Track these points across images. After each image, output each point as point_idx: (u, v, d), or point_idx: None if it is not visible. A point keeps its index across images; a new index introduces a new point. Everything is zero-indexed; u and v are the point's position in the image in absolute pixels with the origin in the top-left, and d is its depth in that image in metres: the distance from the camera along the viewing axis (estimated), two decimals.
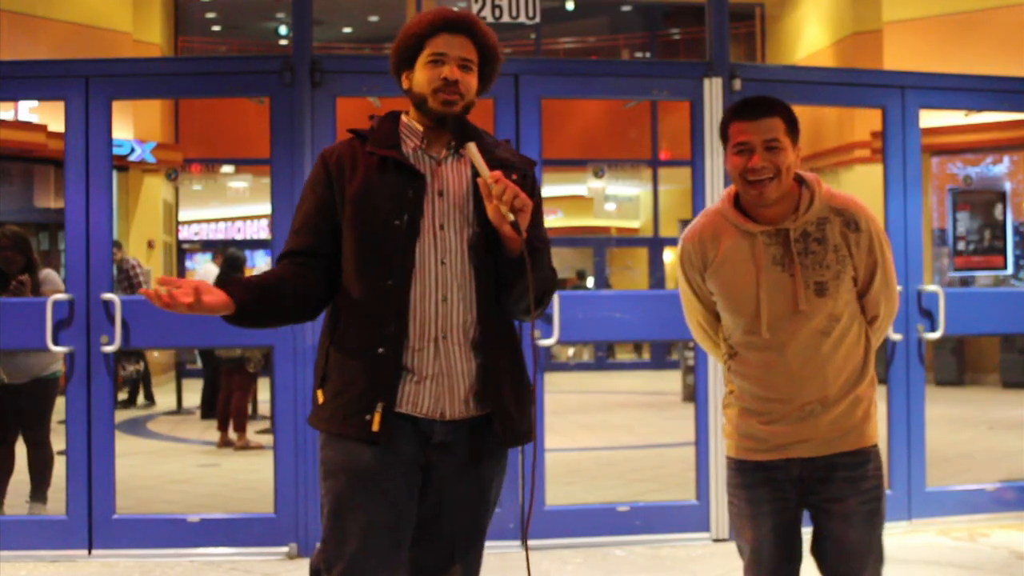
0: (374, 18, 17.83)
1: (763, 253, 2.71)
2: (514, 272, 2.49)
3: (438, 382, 2.48)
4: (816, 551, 2.83)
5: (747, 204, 2.74)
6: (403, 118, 2.63)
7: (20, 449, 5.86)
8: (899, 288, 2.91)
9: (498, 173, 2.44)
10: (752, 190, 2.67)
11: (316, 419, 2.54)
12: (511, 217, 2.41)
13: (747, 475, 2.80)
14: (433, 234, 2.50)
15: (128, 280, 10.42)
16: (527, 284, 2.46)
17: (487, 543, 2.63)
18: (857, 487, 2.75)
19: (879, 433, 2.86)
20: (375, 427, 2.43)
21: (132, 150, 13.62)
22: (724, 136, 2.75)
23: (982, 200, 13.69)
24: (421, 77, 2.54)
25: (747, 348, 2.78)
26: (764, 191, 2.66)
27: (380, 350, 2.45)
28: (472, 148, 2.49)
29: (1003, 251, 13.49)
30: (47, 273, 5.72)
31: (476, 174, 2.51)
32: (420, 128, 2.58)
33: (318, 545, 2.51)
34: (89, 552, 5.04)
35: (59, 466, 5.38)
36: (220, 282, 8.96)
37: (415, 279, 2.47)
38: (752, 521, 2.80)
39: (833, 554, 2.78)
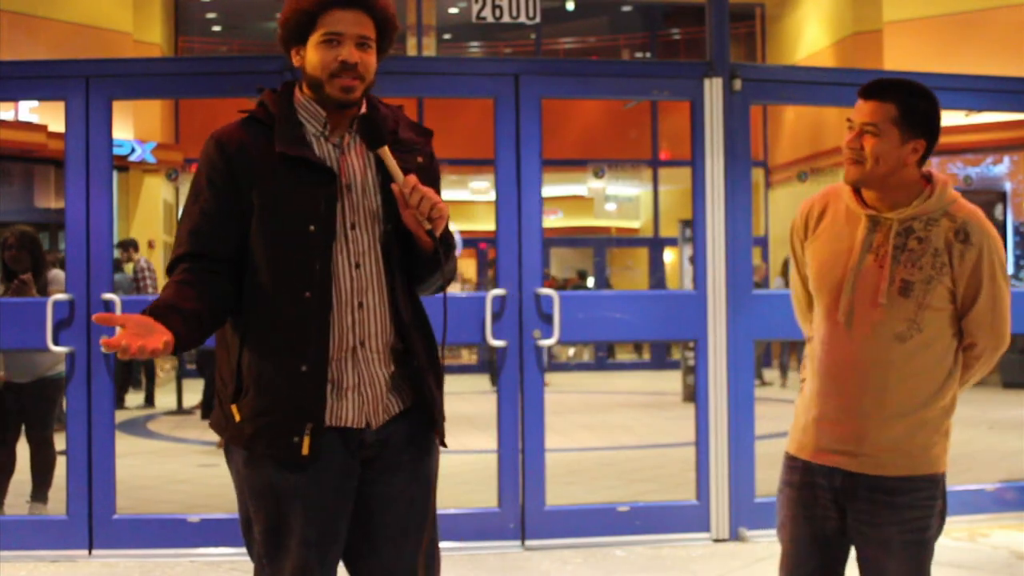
0: None
1: (862, 237, 2.60)
2: (425, 268, 2.39)
3: (359, 392, 2.35)
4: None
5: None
6: (298, 95, 2.39)
7: (21, 449, 5.87)
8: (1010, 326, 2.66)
9: (412, 179, 2.29)
10: (846, 167, 2.61)
11: (232, 436, 2.36)
12: (427, 226, 2.30)
13: (796, 473, 2.70)
14: (344, 236, 2.34)
15: (137, 282, 10.45)
16: (437, 279, 2.40)
17: (487, 543, 2.62)
18: (900, 515, 2.59)
19: (945, 463, 2.69)
20: (305, 451, 2.29)
21: (132, 150, 13.63)
22: None
23: (982, 200, 13.68)
24: (314, 58, 2.31)
25: (821, 333, 2.67)
26: (849, 170, 2.59)
27: (303, 368, 2.28)
28: (386, 152, 2.33)
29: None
30: (55, 273, 5.71)
31: (385, 170, 2.36)
32: (322, 112, 2.36)
33: (256, 561, 2.42)
34: (89, 552, 5.03)
35: (59, 466, 5.38)
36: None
37: (331, 288, 2.32)
38: (793, 522, 2.70)
39: None
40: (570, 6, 16.70)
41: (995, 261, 2.59)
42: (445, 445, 2.50)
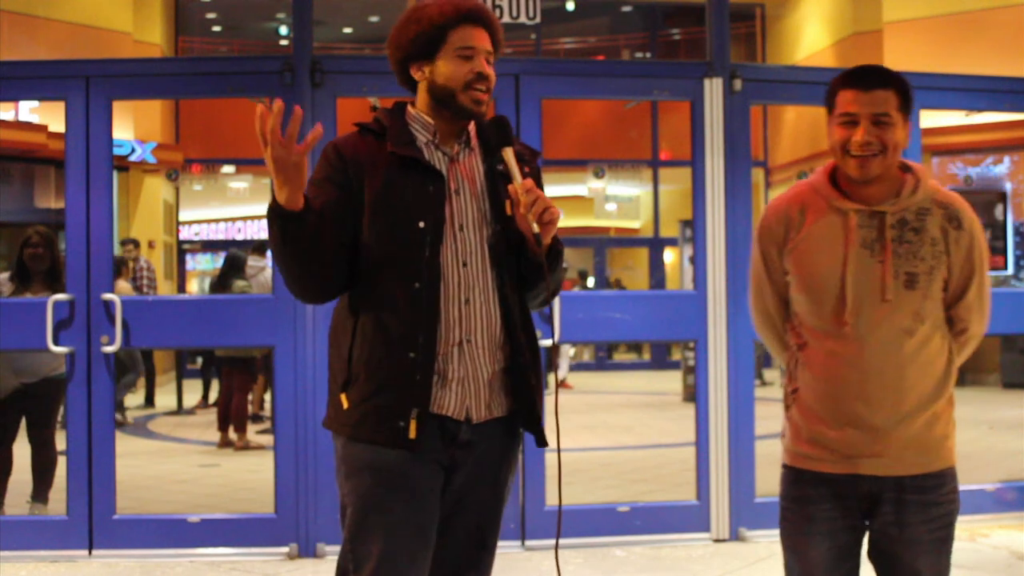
0: (374, 18, 17.82)
1: (854, 234, 2.50)
2: (532, 272, 2.50)
3: (463, 385, 2.45)
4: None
5: (844, 181, 2.55)
6: (410, 110, 2.55)
7: (21, 449, 5.86)
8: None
9: (530, 182, 2.40)
10: (853, 164, 2.47)
11: (339, 424, 2.47)
12: (536, 229, 2.38)
13: (806, 487, 2.56)
14: (453, 235, 2.46)
15: (136, 282, 10.44)
16: (545, 286, 2.48)
17: None
18: (928, 513, 2.52)
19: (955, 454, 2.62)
20: (412, 434, 2.38)
21: (132, 150, 13.63)
22: (830, 103, 2.54)
23: (982, 200, 13.68)
24: (448, 71, 2.46)
25: (821, 338, 2.54)
26: (868, 166, 2.47)
27: (412, 355, 2.39)
28: (509, 153, 2.44)
29: (1004, 251, 13.49)
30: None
31: (498, 174, 2.50)
32: (431, 122, 2.52)
33: (343, 545, 2.47)
34: (90, 552, 5.04)
35: (59, 466, 5.38)
36: (220, 282, 9.00)
37: (440, 282, 2.43)
38: (807, 539, 2.56)
39: None
40: (570, 6, 16.69)
41: (982, 245, 2.57)
42: (547, 444, 2.62)
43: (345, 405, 2.44)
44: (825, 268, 2.52)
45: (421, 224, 2.42)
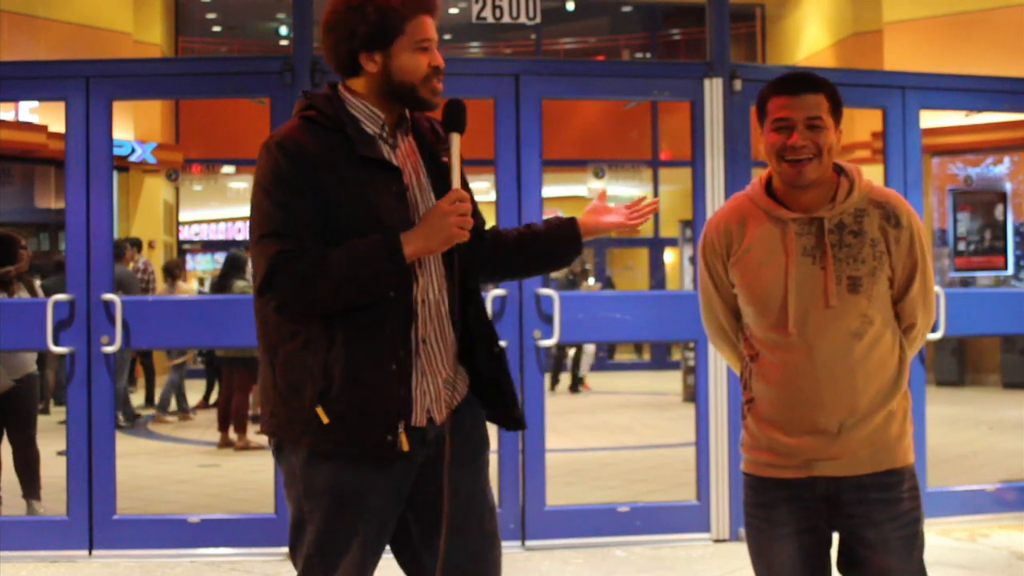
0: None
1: (794, 243, 2.51)
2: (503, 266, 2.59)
3: (422, 387, 2.39)
4: None
5: (780, 190, 2.56)
6: (348, 97, 2.43)
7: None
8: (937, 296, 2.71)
9: (460, 193, 2.34)
10: (789, 169, 2.48)
11: (314, 439, 2.33)
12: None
13: (767, 493, 2.58)
14: None
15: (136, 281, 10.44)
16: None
17: None
18: (892, 510, 2.52)
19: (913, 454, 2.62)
20: (405, 447, 2.33)
21: (133, 150, 13.64)
22: (762, 111, 2.55)
23: (983, 200, 13.69)
24: (407, 64, 2.36)
25: (771, 348, 2.55)
26: (803, 171, 2.47)
27: (393, 366, 2.32)
28: (457, 141, 2.39)
29: (1004, 251, 13.49)
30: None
31: (442, 165, 2.44)
32: (380, 114, 2.41)
33: (304, 561, 2.42)
34: (90, 552, 5.03)
35: (59, 466, 5.38)
36: (221, 283, 8.99)
37: (411, 287, 2.36)
38: (772, 544, 2.57)
39: None
40: (570, 6, 16.69)
41: (923, 239, 2.56)
42: (525, 426, 2.59)
43: (325, 419, 2.31)
44: (768, 279, 2.53)
45: (390, 227, 2.33)
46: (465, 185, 2.46)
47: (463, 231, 2.31)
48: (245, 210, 19.05)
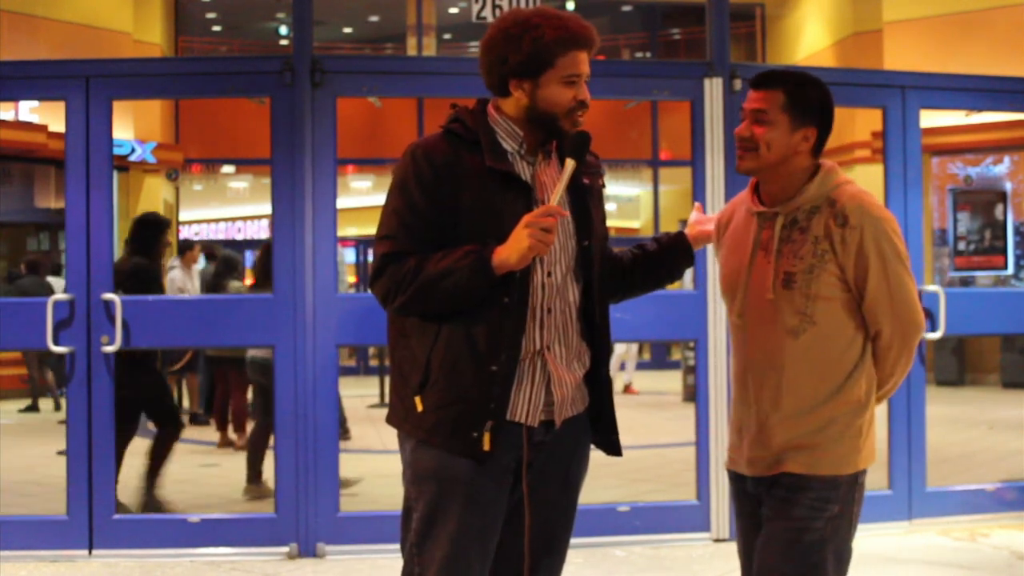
0: (374, 18, 17.82)
1: (754, 235, 2.61)
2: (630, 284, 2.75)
3: (537, 392, 2.48)
4: None
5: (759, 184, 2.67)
6: (493, 113, 2.54)
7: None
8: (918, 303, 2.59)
9: (553, 207, 2.39)
10: (737, 158, 2.60)
11: (412, 427, 2.48)
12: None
13: (732, 486, 2.74)
14: None
15: None
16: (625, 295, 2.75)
17: None
18: (786, 512, 2.52)
19: (857, 464, 2.57)
20: (486, 447, 2.41)
21: (132, 150, 13.63)
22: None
23: (983, 200, 13.69)
24: (553, 96, 2.46)
25: (734, 339, 2.70)
26: (740, 161, 2.58)
27: (494, 368, 2.41)
28: (570, 168, 2.44)
29: (1004, 251, 13.49)
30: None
31: (584, 186, 2.55)
32: (520, 132, 2.51)
33: (409, 548, 2.52)
34: (90, 552, 5.03)
35: (59, 466, 5.37)
36: (213, 283, 8.95)
37: (528, 297, 2.45)
38: (742, 536, 2.71)
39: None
40: (570, 6, 16.69)
41: (882, 241, 2.50)
42: (620, 454, 2.66)
43: (419, 408, 2.45)
44: (732, 268, 2.67)
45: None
46: (584, 211, 2.54)
47: (540, 244, 2.36)
48: (245, 210, 19.13)
